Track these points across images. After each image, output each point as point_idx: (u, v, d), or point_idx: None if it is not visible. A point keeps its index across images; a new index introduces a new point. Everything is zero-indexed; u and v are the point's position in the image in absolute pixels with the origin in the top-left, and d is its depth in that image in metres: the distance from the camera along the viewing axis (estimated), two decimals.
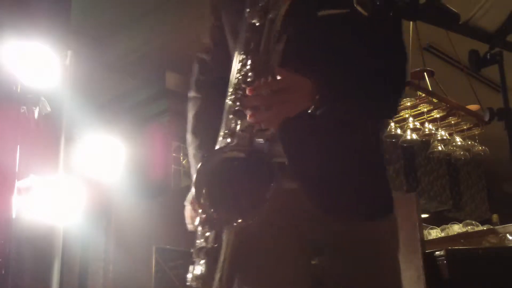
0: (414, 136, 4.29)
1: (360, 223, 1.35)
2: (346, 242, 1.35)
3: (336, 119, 1.32)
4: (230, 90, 1.31)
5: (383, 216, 1.39)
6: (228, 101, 1.30)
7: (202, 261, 1.28)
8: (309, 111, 1.26)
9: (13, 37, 2.57)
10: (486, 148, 4.61)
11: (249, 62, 1.29)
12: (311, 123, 1.29)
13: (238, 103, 1.27)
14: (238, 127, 1.26)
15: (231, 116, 1.28)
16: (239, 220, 1.20)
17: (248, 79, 1.28)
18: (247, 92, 1.24)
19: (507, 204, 7.58)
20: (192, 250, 1.34)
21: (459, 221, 5.21)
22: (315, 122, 1.29)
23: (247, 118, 1.23)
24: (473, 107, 4.48)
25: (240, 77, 1.29)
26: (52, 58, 2.68)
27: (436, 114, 4.30)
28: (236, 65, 1.31)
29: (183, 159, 5.68)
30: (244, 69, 1.29)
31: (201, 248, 1.29)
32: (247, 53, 1.29)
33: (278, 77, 1.24)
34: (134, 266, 4.13)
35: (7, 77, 2.52)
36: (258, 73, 1.27)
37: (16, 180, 2.48)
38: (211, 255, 1.27)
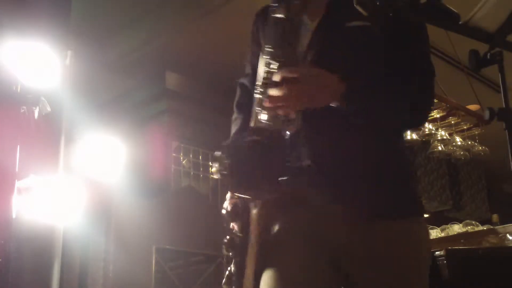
0: (414, 136, 4.29)
1: (388, 224, 1.36)
2: (374, 246, 1.35)
3: (362, 120, 1.35)
4: (259, 83, 1.34)
5: (411, 218, 1.40)
6: (256, 95, 1.34)
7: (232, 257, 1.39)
8: (334, 106, 1.29)
9: (13, 37, 2.57)
10: (486, 148, 4.60)
11: (278, 56, 1.32)
12: (338, 124, 1.33)
13: (265, 96, 1.31)
14: (265, 117, 1.31)
15: (258, 108, 1.33)
16: (255, 197, 1.29)
17: (276, 68, 1.31)
18: (273, 79, 1.28)
19: (507, 204, 7.58)
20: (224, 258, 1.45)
21: (459, 221, 5.20)
22: (342, 123, 1.33)
23: (267, 104, 1.28)
24: (473, 107, 4.48)
25: (269, 70, 1.32)
26: (52, 58, 2.68)
27: (436, 114, 4.30)
28: (264, 59, 1.34)
29: (183, 159, 5.68)
30: (273, 63, 1.32)
31: (231, 240, 1.39)
32: (276, 48, 1.32)
33: (305, 69, 1.30)
34: (134, 266, 4.13)
35: (7, 77, 2.52)
36: (286, 64, 1.31)
37: (16, 180, 2.48)
38: (240, 247, 1.37)
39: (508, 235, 3.72)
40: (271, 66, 1.31)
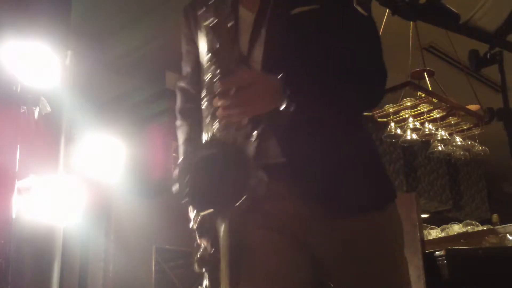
0: (414, 136, 4.29)
1: (360, 217, 1.34)
2: (347, 240, 1.34)
3: (314, 115, 1.31)
4: (203, 93, 1.32)
5: (382, 208, 1.38)
6: (203, 104, 1.32)
7: (205, 272, 1.35)
8: (281, 108, 1.24)
9: (13, 37, 2.57)
10: (486, 148, 4.60)
11: (215, 63, 1.28)
12: (303, 120, 1.29)
13: (211, 105, 1.27)
14: (217, 127, 1.27)
15: (208, 119, 1.29)
16: (218, 212, 1.25)
17: (215, 79, 1.27)
18: (215, 90, 1.24)
19: (507, 204, 7.59)
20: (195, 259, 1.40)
21: (459, 221, 5.21)
22: (308, 119, 1.30)
23: (219, 115, 1.24)
24: (473, 107, 4.48)
25: (209, 79, 1.28)
26: (52, 58, 2.68)
27: (436, 114, 4.29)
28: (205, 66, 1.31)
29: None
30: (211, 69, 1.28)
31: (202, 257, 1.36)
32: (213, 54, 1.28)
33: (243, 76, 1.24)
34: (134, 266, 4.13)
35: (7, 77, 2.52)
36: (224, 73, 1.25)
37: (16, 180, 2.48)
38: (211, 263, 1.33)
39: (508, 235, 3.72)
40: (213, 75, 1.27)
